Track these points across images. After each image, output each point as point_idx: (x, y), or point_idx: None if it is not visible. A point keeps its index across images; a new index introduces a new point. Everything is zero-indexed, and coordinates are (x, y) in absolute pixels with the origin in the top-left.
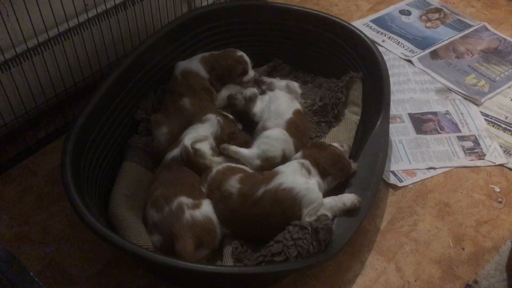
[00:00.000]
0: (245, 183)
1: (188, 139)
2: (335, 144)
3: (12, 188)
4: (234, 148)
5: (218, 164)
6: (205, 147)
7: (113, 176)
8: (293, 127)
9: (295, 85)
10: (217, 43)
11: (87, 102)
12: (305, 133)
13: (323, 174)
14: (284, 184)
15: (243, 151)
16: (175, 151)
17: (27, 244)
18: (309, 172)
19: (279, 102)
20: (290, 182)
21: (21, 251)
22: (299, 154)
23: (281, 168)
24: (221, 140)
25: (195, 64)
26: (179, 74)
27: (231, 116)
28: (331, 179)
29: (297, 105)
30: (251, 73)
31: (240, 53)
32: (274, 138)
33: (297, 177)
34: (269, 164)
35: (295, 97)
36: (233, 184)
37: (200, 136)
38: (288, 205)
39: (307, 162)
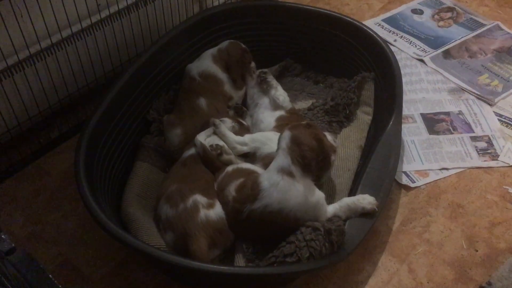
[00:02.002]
0: (238, 193)
1: (201, 136)
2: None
3: (25, 187)
4: (223, 129)
5: (237, 162)
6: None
7: (126, 176)
8: (284, 126)
9: (278, 97)
10: None
11: (100, 102)
12: None
13: (306, 170)
14: (269, 207)
15: (231, 135)
16: (193, 150)
17: (40, 243)
18: (291, 175)
19: (259, 122)
20: (276, 204)
21: (34, 250)
22: (281, 155)
23: (262, 184)
24: None
25: (209, 65)
26: (198, 75)
27: (246, 124)
28: (312, 176)
29: (279, 113)
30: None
31: (241, 43)
32: (265, 136)
33: (281, 196)
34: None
35: (280, 107)
36: (231, 191)
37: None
38: (281, 221)
39: (286, 162)
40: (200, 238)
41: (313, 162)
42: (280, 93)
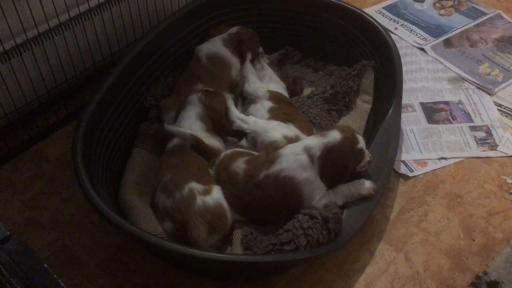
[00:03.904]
0: (250, 164)
1: (186, 128)
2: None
3: (23, 173)
4: (230, 103)
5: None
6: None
7: (124, 162)
8: (279, 115)
9: (250, 92)
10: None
11: (98, 87)
12: (294, 114)
13: (322, 176)
14: (284, 172)
15: (235, 110)
16: (176, 140)
17: (38, 229)
18: (312, 160)
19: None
20: (290, 170)
21: (31, 236)
22: (316, 141)
23: (283, 151)
24: (217, 118)
25: (219, 48)
26: (205, 58)
27: (212, 89)
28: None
29: (267, 103)
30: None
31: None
32: (268, 124)
33: (297, 166)
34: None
35: (260, 98)
36: (240, 164)
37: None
38: (288, 191)
39: (315, 151)
40: (198, 225)
41: (332, 177)
42: (246, 88)
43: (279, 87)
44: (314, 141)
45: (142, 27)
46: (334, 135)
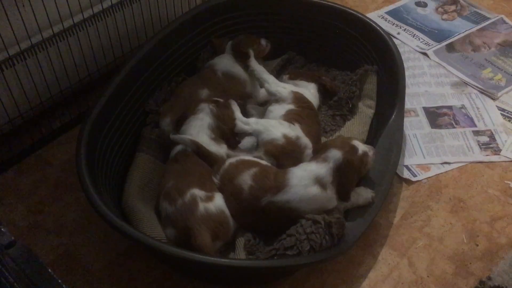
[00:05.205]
0: (257, 182)
1: (193, 135)
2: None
3: (27, 178)
4: (234, 106)
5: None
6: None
7: (127, 167)
8: (291, 116)
9: (274, 93)
10: (231, 35)
11: (102, 92)
12: (309, 119)
13: (341, 193)
14: (290, 203)
15: (238, 113)
16: (179, 147)
17: (41, 234)
18: (324, 188)
19: (269, 112)
20: (297, 202)
21: (35, 241)
22: (325, 169)
23: (292, 180)
24: (223, 129)
25: (232, 64)
26: (220, 73)
27: (221, 100)
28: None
29: (288, 106)
30: None
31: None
32: (269, 123)
33: (305, 199)
34: (275, 149)
35: (283, 100)
36: (246, 179)
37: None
38: (294, 217)
39: (327, 179)
40: (202, 232)
41: (349, 191)
42: (268, 89)
43: (306, 91)
44: (322, 169)
45: (146, 33)
46: (335, 155)
